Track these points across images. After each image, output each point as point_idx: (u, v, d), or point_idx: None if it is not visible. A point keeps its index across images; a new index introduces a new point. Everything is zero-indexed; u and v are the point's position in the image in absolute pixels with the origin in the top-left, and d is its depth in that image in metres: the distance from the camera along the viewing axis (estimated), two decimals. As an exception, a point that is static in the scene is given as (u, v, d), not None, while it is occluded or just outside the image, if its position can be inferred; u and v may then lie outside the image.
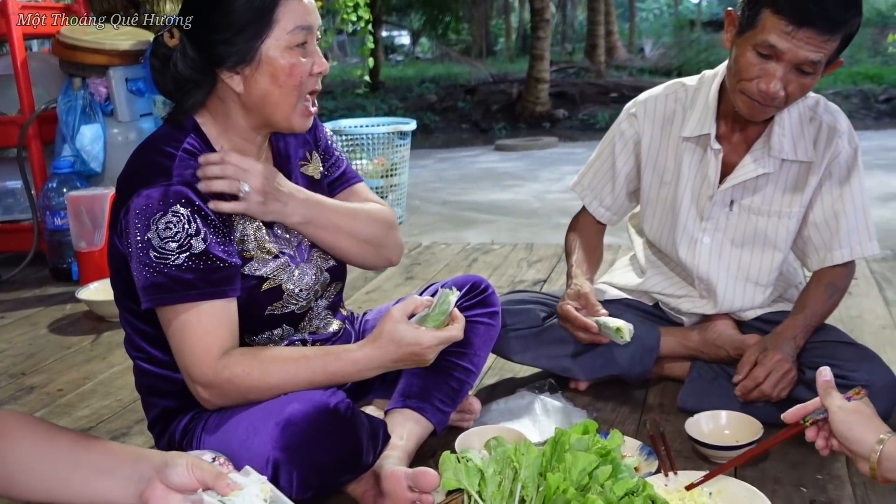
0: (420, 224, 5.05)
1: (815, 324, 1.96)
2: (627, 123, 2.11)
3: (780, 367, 1.83)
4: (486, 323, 1.90)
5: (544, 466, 1.45)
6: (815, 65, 1.74)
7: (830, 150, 1.94)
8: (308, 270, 1.65)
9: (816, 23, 1.68)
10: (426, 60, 23.29)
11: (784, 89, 1.77)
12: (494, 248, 3.94)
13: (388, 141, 4.70)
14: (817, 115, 1.96)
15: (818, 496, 1.66)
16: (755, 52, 1.76)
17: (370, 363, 1.53)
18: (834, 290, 1.99)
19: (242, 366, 1.47)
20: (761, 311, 2.12)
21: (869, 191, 2.03)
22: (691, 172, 2.03)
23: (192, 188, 1.46)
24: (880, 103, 11.49)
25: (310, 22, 1.49)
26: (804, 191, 1.96)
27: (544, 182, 6.70)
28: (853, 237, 1.96)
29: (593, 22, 15.84)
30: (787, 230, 2.00)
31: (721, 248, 2.04)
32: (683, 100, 2.04)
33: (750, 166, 1.96)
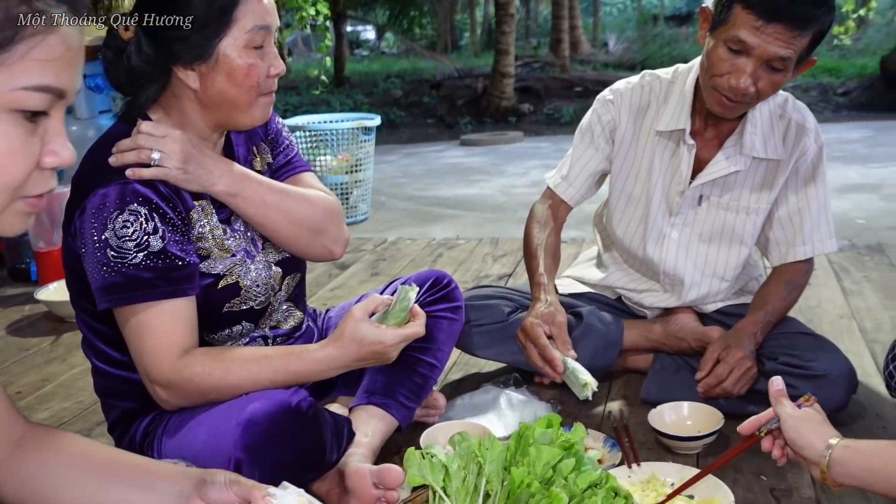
0: (385, 220, 5.04)
1: (775, 320, 1.99)
2: (605, 109, 2.08)
3: (741, 364, 1.86)
4: (450, 318, 1.90)
5: (508, 461, 1.45)
6: (784, 61, 1.74)
7: (799, 147, 1.96)
8: (262, 265, 1.64)
9: (786, 18, 1.69)
10: (391, 55, 23.20)
11: (754, 85, 1.77)
12: (460, 243, 3.94)
13: (353, 136, 4.68)
14: (786, 113, 1.98)
15: (778, 484, 1.68)
16: (726, 48, 1.77)
17: (333, 363, 1.52)
18: (793, 287, 2.02)
19: (203, 365, 1.46)
20: (722, 303, 2.15)
21: (828, 182, 2.06)
22: (663, 167, 2.03)
23: (149, 185, 1.44)
24: (838, 96, 11.66)
25: (269, 22, 1.47)
26: (772, 188, 1.99)
27: (510, 176, 6.71)
28: (815, 234, 2.00)
29: (557, 17, 15.87)
30: (755, 226, 2.02)
31: (689, 243, 2.06)
32: (658, 92, 2.04)
33: (723, 163, 1.97)
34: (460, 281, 3.20)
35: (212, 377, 1.46)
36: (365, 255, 3.75)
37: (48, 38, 0.75)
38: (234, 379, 1.47)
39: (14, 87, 0.74)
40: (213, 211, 1.56)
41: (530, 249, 2.08)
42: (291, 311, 1.76)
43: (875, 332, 2.52)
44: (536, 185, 6.30)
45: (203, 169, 1.50)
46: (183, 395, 1.47)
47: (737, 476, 1.70)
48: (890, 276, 3.08)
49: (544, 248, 2.05)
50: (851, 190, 5.39)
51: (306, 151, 4.73)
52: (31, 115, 0.77)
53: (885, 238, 3.89)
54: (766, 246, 2.07)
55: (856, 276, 3.10)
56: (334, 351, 1.51)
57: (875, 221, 4.49)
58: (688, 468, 1.67)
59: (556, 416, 1.52)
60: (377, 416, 1.75)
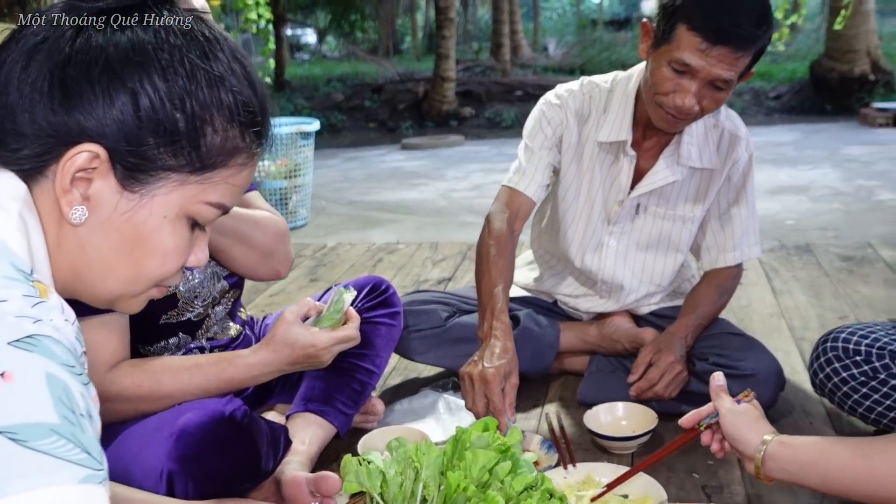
0: (326, 225, 5.01)
1: (706, 323, 2.04)
2: (552, 112, 2.05)
3: (672, 368, 1.90)
4: (388, 323, 1.91)
5: (445, 465, 1.46)
6: (728, 82, 1.77)
7: (732, 156, 2.00)
8: (200, 276, 1.62)
9: (731, 41, 1.70)
10: (333, 59, 23.07)
11: (699, 104, 1.79)
12: (400, 247, 3.94)
13: (291, 141, 4.64)
14: (720, 122, 2.02)
15: (709, 481, 1.72)
16: (670, 68, 1.77)
17: (265, 367, 1.52)
18: (723, 290, 2.08)
19: (131, 378, 1.44)
20: (656, 305, 2.19)
21: (759, 185, 2.12)
22: (603, 177, 2.05)
23: None
24: (770, 100, 11.97)
25: None
26: (706, 196, 2.03)
27: (450, 180, 6.73)
28: (744, 241, 2.05)
29: (498, 21, 15.99)
30: (690, 234, 2.07)
31: (626, 251, 2.09)
32: (597, 102, 2.04)
33: (661, 174, 2.00)
34: (400, 286, 3.21)
35: (141, 389, 1.44)
36: (304, 261, 3.73)
37: (245, 170, 0.88)
38: (165, 390, 1.45)
39: (203, 201, 0.86)
40: None
41: (489, 276, 1.92)
42: (228, 324, 1.74)
43: (803, 330, 2.60)
44: (477, 188, 6.34)
45: None
46: (113, 409, 1.45)
47: (670, 474, 1.74)
48: (817, 276, 3.18)
49: (504, 276, 1.93)
50: (781, 192, 5.54)
51: (244, 156, 4.68)
52: (195, 224, 0.88)
53: (813, 238, 4.01)
54: (699, 251, 2.12)
55: (785, 276, 3.19)
56: (266, 355, 1.51)
57: (804, 222, 4.62)
58: (622, 468, 1.70)
59: (493, 420, 1.53)
60: (315, 423, 1.74)
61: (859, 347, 1.73)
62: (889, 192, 5.36)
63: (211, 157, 0.84)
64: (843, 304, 2.83)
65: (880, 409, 1.71)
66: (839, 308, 2.79)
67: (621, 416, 1.92)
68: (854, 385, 1.73)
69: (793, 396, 2.09)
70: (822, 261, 3.38)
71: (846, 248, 3.59)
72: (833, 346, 1.77)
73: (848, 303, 2.85)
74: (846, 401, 1.76)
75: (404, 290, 2.88)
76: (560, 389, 2.20)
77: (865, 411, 1.73)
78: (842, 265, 3.31)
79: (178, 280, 0.91)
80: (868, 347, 1.73)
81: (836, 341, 1.77)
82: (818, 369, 1.80)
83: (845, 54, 10.68)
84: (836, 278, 3.14)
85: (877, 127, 8.74)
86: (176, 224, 0.85)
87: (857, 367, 1.73)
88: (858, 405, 1.74)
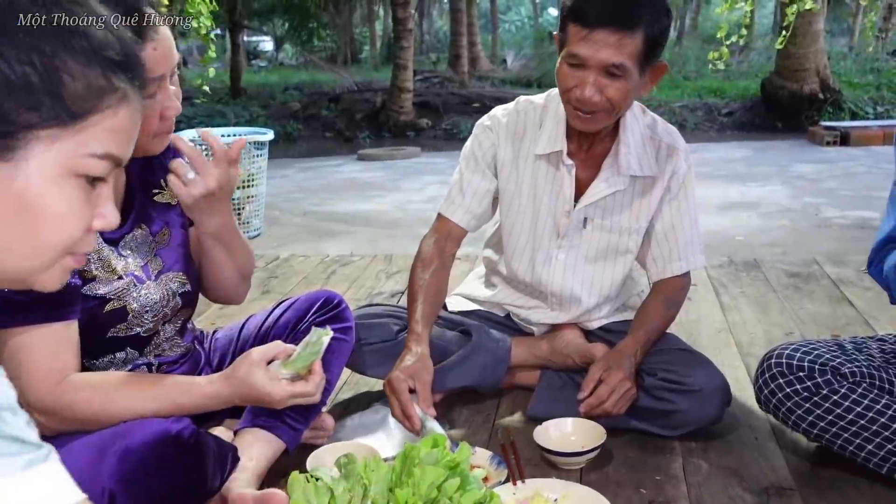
0: (279, 236, 4.97)
1: (655, 338, 2.06)
2: (484, 135, 2.11)
3: (621, 386, 1.90)
4: (339, 338, 1.89)
5: (394, 482, 1.46)
6: (619, 67, 1.79)
7: (670, 166, 2.04)
8: (154, 291, 1.60)
9: (607, 22, 1.76)
10: (290, 67, 22.97)
11: (601, 94, 1.82)
12: (354, 259, 3.93)
13: (245, 151, 4.60)
14: (656, 135, 2.05)
15: (656, 497, 1.74)
16: (567, 64, 1.84)
17: (218, 400, 1.53)
18: (671, 303, 2.10)
19: (83, 393, 1.42)
20: (606, 320, 2.21)
21: (709, 200, 2.16)
22: (546, 190, 2.07)
23: None
24: (723, 116, 12.19)
25: (162, 70, 1.42)
26: (650, 206, 2.06)
27: (406, 192, 6.73)
28: (688, 250, 2.08)
29: (456, 33, 16.08)
30: (636, 244, 2.10)
31: (575, 264, 2.11)
32: (533, 118, 2.08)
33: (602, 185, 2.03)
34: (353, 298, 3.20)
35: (92, 405, 1.41)
36: (256, 273, 3.68)
37: (119, 112, 0.83)
38: (116, 409, 1.43)
39: (85, 154, 0.80)
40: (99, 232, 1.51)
41: (411, 292, 2.07)
42: (177, 341, 1.72)
43: (749, 345, 2.65)
44: (433, 200, 6.34)
45: (209, 206, 1.54)
46: (61, 421, 1.43)
47: (618, 490, 1.76)
48: (764, 291, 3.24)
49: (424, 291, 2.04)
50: (732, 208, 5.63)
51: (197, 166, 4.62)
52: (91, 181, 0.83)
53: (761, 254, 4.09)
54: (645, 262, 2.14)
55: (733, 292, 3.25)
56: (222, 389, 1.52)
57: (752, 238, 4.71)
58: (571, 483, 1.71)
59: (443, 436, 1.53)
60: (263, 438, 1.72)
61: (802, 364, 1.76)
62: (835, 209, 5.49)
63: (76, 105, 0.79)
64: (789, 320, 2.89)
65: (822, 425, 1.74)
66: (785, 324, 2.85)
67: (570, 431, 1.93)
68: (797, 400, 1.76)
69: (739, 412, 2.12)
70: (769, 277, 3.45)
71: (793, 264, 3.67)
72: (777, 362, 1.80)
73: (794, 318, 2.91)
74: (790, 416, 1.79)
75: (357, 303, 2.86)
76: (511, 404, 2.20)
77: (808, 426, 1.76)
78: (788, 281, 3.38)
79: (91, 247, 0.88)
80: (811, 364, 1.76)
81: (781, 357, 1.80)
82: (763, 385, 1.83)
83: (795, 73, 10.93)
84: (782, 294, 3.20)
85: (825, 145, 8.95)
86: (63, 185, 0.80)
87: (801, 383, 1.76)
88: (802, 420, 1.77)
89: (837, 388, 1.73)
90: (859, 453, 1.72)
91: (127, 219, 1.59)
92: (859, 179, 6.71)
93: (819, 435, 1.76)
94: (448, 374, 2.13)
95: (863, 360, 1.79)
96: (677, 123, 11.72)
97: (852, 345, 1.85)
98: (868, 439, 1.70)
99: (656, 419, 1.96)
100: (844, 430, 1.72)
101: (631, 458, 1.91)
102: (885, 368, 1.78)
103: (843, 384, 1.73)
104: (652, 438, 1.98)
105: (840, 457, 1.77)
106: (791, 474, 1.82)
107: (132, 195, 1.61)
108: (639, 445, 1.96)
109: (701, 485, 1.78)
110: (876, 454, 1.71)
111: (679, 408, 1.94)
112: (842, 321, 2.86)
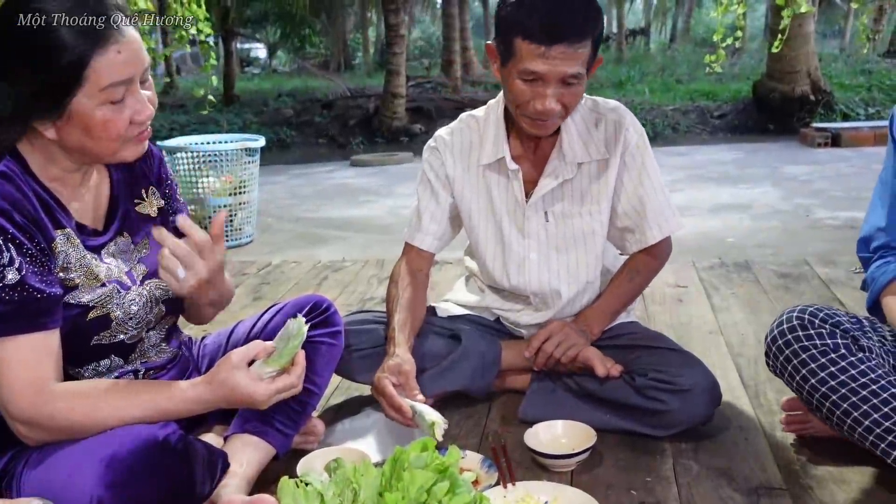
0: (271, 242, 4.97)
1: (616, 307, 2.14)
2: (433, 157, 2.18)
3: (562, 334, 2.03)
4: (329, 343, 1.90)
5: (383, 486, 1.46)
6: (576, 76, 1.85)
7: (620, 142, 2.06)
8: (138, 298, 1.59)
9: (565, 37, 1.79)
10: (283, 73, 22.97)
11: (559, 103, 1.88)
12: (346, 265, 3.93)
13: (237, 158, 4.60)
14: (602, 114, 2.08)
15: (647, 498, 1.74)
16: (521, 80, 1.87)
17: (201, 404, 1.53)
18: (635, 273, 2.14)
19: (65, 401, 1.41)
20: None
21: (700, 202, 2.17)
22: (501, 197, 2.11)
23: (5, 215, 1.38)
24: (714, 118, 12.21)
25: (129, 74, 1.40)
26: (607, 185, 2.08)
27: (398, 197, 6.73)
28: (660, 217, 2.09)
29: (448, 38, 16.10)
30: (601, 224, 2.11)
31: (548, 259, 2.12)
32: (476, 131, 2.13)
33: (549, 178, 2.06)
34: (345, 304, 3.21)
35: (74, 413, 1.41)
36: (248, 279, 3.69)
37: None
38: (100, 416, 1.43)
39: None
40: (80, 240, 1.51)
41: (389, 308, 2.13)
42: (163, 348, 1.71)
43: (740, 346, 2.65)
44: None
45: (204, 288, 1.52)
46: (45, 431, 1.42)
47: (609, 492, 1.76)
48: (755, 292, 3.25)
49: (400, 303, 2.09)
50: (723, 210, 5.64)
51: (189, 173, 4.62)
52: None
53: (752, 255, 4.09)
54: (622, 239, 2.15)
55: (724, 293, 3.26)
56: (204, 392, 1.52)
57: (744, 240, 4.72)
58: (562, 486, 1.71)
59: (431, 440, 1.53)
60: (253, 444, 1.73)
61: (824, 324, 1.73)
62: (825, 210, 5.50)
63: None
64: (779, 321, 2.89)
65: (833, 384, 1.69)
66: (776, 324, 2.85)
67: (560, 433, 1.93)
68: (813, 353, 1.72)
69: (729, 412, 2.13)
70: (760, 278, 3.45)
71: (783, 265, 3.67)
72: (800, 316, 1.75)
73: (784, 319, 2.91)
74: (799, 370, 1.73)
75: (349, 309, 2.87)
76: (502, 408, 2.21)
77: (818, 383, 1.71)
78: (779, 282, 3.38)
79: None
80: (833, 327, 1.73)
81: (804, 313, 1.76)
82: (778, 336, 1.78)
83: (786, 75, 10.96)
84: (773, 295, 3.21)
85: (816, 147, 8.96)
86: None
87: (820, 339, 1.72)
88: (812, 375, 1.71)
89: (855, 352, 1.70)
90: (856, 427, 1.67)
91: (109, 227, 1.59)
92: (850, 180, 6.73)
93: (824, 397, 1.70)
94: (439, 378, 2.13)
95: (876, 340, 1.78)
96: (670, 127, 11.76)
97: (868, 322, 1.83)
98: (872, 409, 1.65)
99: (647, 419, 1.97)
100: (853, 394, 1.66)
101: (621, 459, 1.91)
102: (894, 354, 1.78)
103: (860, 353, 1.71)
104: (642, 440, 1.98)
105: (827, 454, 1.77)
106: (781, 474, 1.83)
107: (115, 203, 1.61)
108: (629, 447, 1.96)
109: (691, 485, 1.79)
110: (872, 430, 1.65)
111: (669, 407, 1.94)
112: (832, 321, 2.87)
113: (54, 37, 1.34)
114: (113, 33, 1.37)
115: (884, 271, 1.77)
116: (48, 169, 1.48)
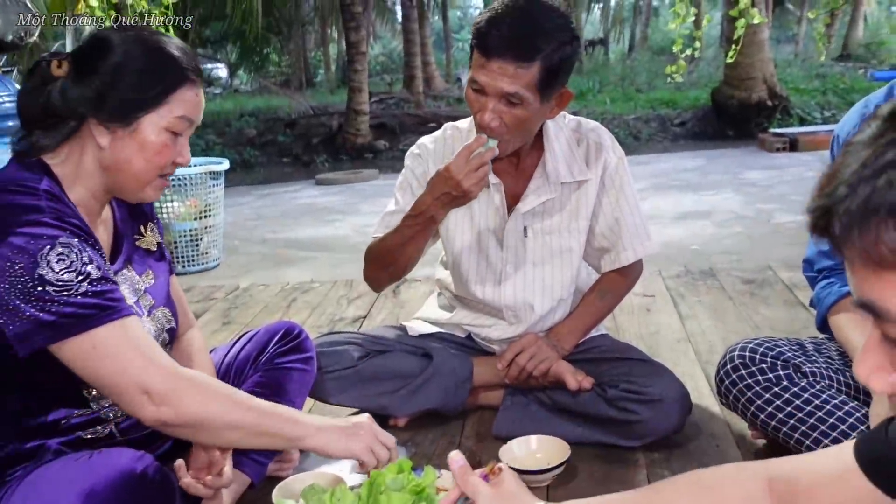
0: (238, 265, 4.94)
1: (588, 323, 2.16)
2: (416, 163, 2.16)
3: (534, 348, 2.05)
4: (301, 369, 1.90)
5: (360, 510, 1.46)
6: (515, 96, 1.81)
7: (600, 164, 2.08)
8: (150, 327, 1.60)
9: (503, 53, 1.78)
10: (245, 93, 22.85)
11: (499, 119, 1.85)
12: (314, 286, 3.92)
13: (201, 181, 4.57)
14: (583, 136, 2.10)
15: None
16: (471, 88, 1.87)
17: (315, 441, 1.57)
18: (605, 292, 2.16)
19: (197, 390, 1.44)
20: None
21: (664, 210, 2.20)
22: (482, 210, 2.12)
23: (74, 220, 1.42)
24: (675, 126, 12.40)
25: (195, 116, 1.52)
26: (587, 205, 2.10)
27: (365, 215, 6.72)
28: (635, 240, 2.12)
29: (409, 53, 16.17)
30: (579, 243, 2.13)
31: (524, 273, 2.14)
32: (460, 140, 2.12)
33: (532, 196, 2.07)
34: (315, 325, 3.20)
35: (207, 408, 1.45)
36: (216, 304, 3.67)
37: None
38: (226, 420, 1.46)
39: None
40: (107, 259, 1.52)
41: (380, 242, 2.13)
42: None
43: (708, 353, 2.69)
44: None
45: None
46: (179, 402, 1.40)
47: (584, 505, 1.77)
48: (721, 299, 3.30)
49: None
50: (686, 217, 5.72)
51: (153, 198, 4.58)
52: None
53: (717, 262, 4.15)
54: (597, 258, 2.17)
55: (690, 301, 3.30)
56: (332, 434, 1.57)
57: (708, 247, 4.78)
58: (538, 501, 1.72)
59: (407, 461, 1.53)
60: (228, 473, 1.72)
61: (765, 358, 1.79)
62: (787, 215, 5.59)
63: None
64: (745, 327, 2.94)
65: (781, 416, 1.76)
66: (742, 330, 2.90)
67: (535, 448, 1.94)
68: (758, 391, 1.78)
69: (699, 420, 2.16)
70: (725, 285, 3.50)
71: (748, 271, 3.73)
72: (740, 355, 1.83)
73: (750, 325, 2.96)
74: (749, 407, 1.80)
75: (319, 330, 2.86)
76: (476, 425, 2.21)
77: (767, 418, 1.78)
78: (744, 288, 3.44)
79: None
80: (773, 359, 1.79)
81: (744, 350, 1.83)
82: (724, 376, 1.85)
83: (743, 82, 11.17)
84: (738, 301, 3.26)
85: (774, 151, 9.13)
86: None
87: (762, 375, 1.78)
88: (761, 411, 1.78)
89: (797, 381, 1.76)
90: (815, 448, 1.72)
91: (116, 259, 1.60)
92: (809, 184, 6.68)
93: (777, 427, 1.78)
94: (411, 398, 2.14)
95: (822, 361, 1.83)
96: (631, 136, 11.90)
97: (813, 345, 1.89)
98: (825, 433, 1.71)
99: (619, 430, 1.99)
100: (802, 423, 1.74)
101: (596, 472, 1.93)
102: (843, 371, 1.82)
103: (803, 380, 1.76)
104: (616, 451, 2.00)
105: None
106: (752, 480, 1.85)
107: (120, 239, 1.63)
108: (603, 459, 1.98)
109: (665, 495, 1.80)
110: (821, 441, 1.71)
111: (641, 417, 1.96)
112: (797, 325, 2.92)
113: (168, 52, 1.48)
114: (199, 80, 1.52)
115: (828, 293, 1.81)
116: (75, 189, 1.49)
